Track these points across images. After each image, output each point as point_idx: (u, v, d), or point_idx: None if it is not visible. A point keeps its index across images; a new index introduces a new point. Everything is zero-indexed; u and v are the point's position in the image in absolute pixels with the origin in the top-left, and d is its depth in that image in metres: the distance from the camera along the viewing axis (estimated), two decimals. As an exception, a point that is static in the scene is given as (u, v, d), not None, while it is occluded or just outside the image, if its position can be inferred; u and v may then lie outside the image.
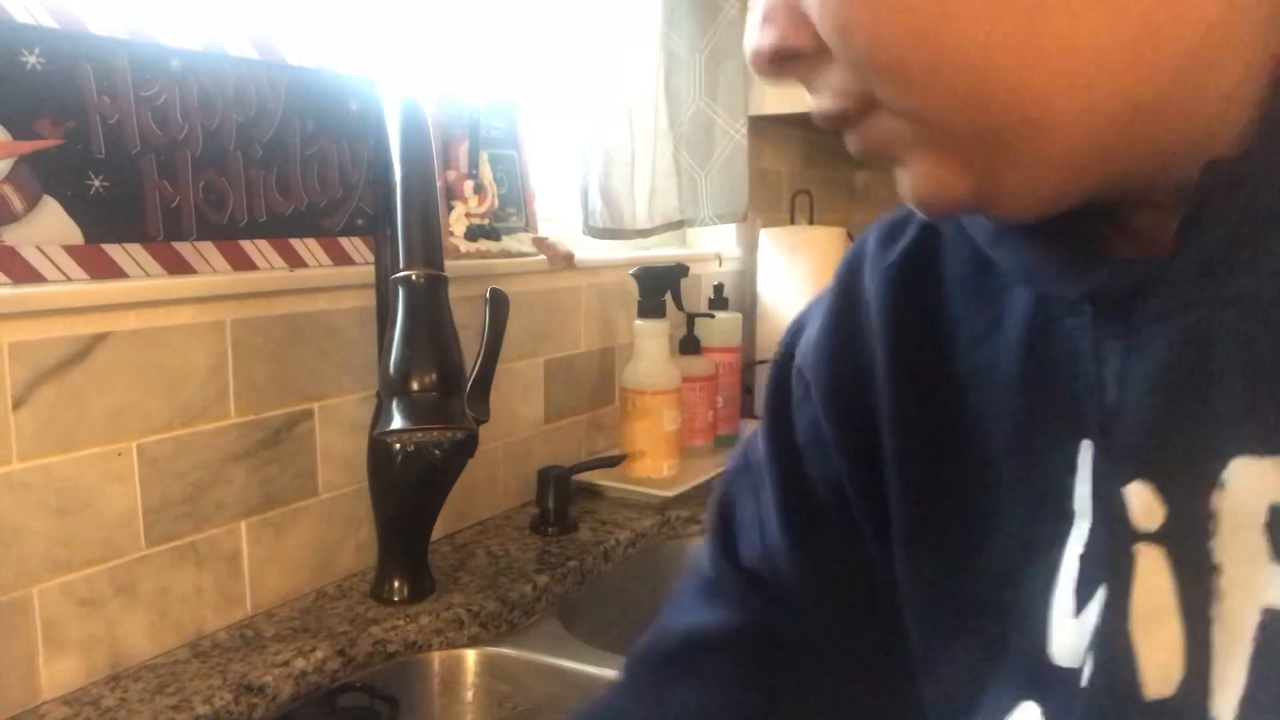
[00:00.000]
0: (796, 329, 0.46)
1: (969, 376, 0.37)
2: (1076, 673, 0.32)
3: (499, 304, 0.81)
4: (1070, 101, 0.26)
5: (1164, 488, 0.29)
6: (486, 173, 1.04)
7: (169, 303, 0.73)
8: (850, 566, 0.43)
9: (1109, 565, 0.30)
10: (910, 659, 0.40)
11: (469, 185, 1.01)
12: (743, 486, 0.48)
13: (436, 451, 0.64)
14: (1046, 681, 0.33)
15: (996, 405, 0.36)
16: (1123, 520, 0.30)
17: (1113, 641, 0.30)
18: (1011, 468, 0.35)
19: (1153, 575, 0.29)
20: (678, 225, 1.39)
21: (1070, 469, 0.33)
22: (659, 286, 1.17)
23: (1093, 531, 0.32)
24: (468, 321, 1.00)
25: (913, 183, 0.30)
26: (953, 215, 0.33)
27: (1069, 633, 0.32)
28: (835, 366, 0.42)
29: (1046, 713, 0.33)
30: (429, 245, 0.67)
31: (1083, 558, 0.32)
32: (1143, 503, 0.30)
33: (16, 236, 0.66)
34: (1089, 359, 0.32)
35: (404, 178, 0.68)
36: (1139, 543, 0.30)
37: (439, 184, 0.99)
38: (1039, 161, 0.28)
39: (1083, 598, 0.32)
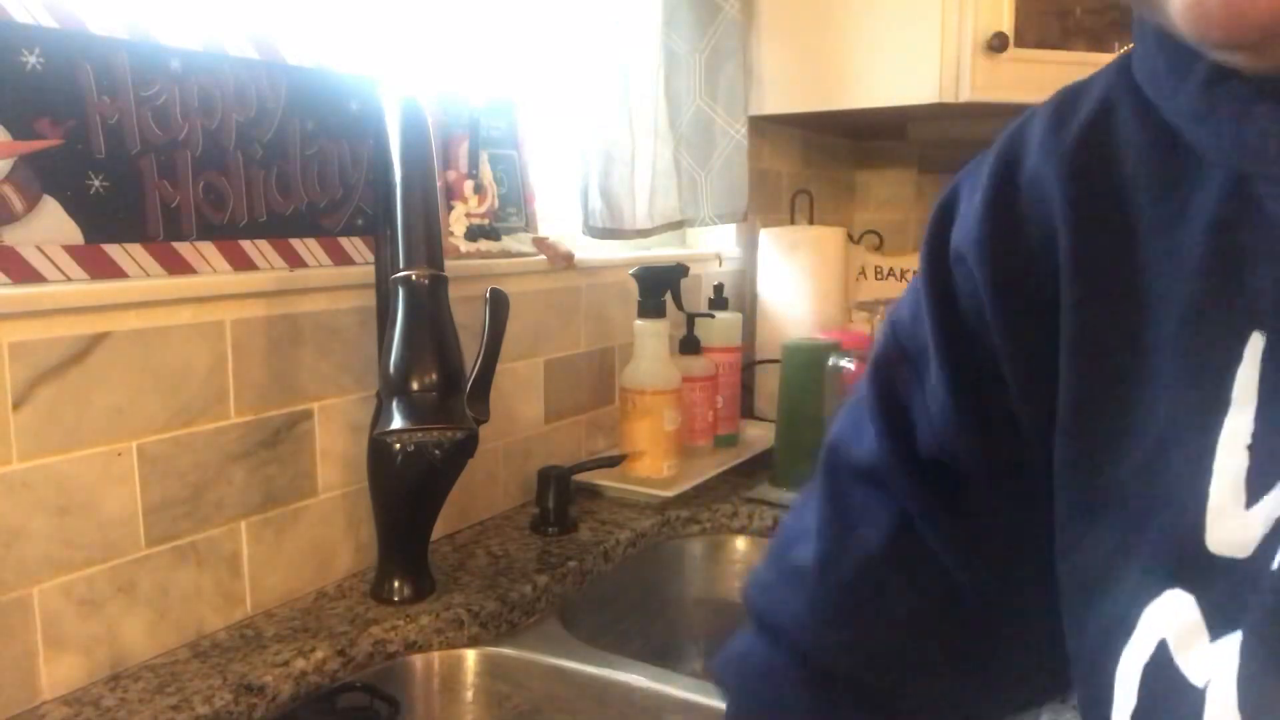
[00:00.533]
0: (946, 212, 0.46)
1: (1149, 262, 0.37)
2: (1246, 564, 0.31)
3: (499, 304, 0.82)
4: None
5: None
6: (486, 173, 1.04)
7: (169, 303, 0.73)
8: (1018, 448, 0.43)
9: None
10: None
11: (469, 185, 1.01)
12: (907, 376, 0.47)
13: (436, 451, 0.65)
14: (1202, 571, 0.32)
15: (1173, 292, 0.35)
16: None
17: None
18: (1175, 355, 0.35)
19: None
20: (678, 225, 1.39)
21: (1234, 359, 0.32)
22: (659, 286, 1.17)
23: (1264, 424, 0.31)
24: (468, 321, 1.00)
25: None
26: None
27: (1237, 524, 0.31)
28: (1000, 252, 0.42)
29: (1202, 602, 0.32)
30: (429, 245, 0.67)
31: (1253, 449, 0.31)
32: None
33: (16, 236, 0.66)
34: None
35: (404, 178, 0.68)
36: None
37: (439, 184, 0.99)
38: None
39: (1257, 489, 0.31)
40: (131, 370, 0.71)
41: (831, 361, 1.14)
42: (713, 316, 1.30)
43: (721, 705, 0.75)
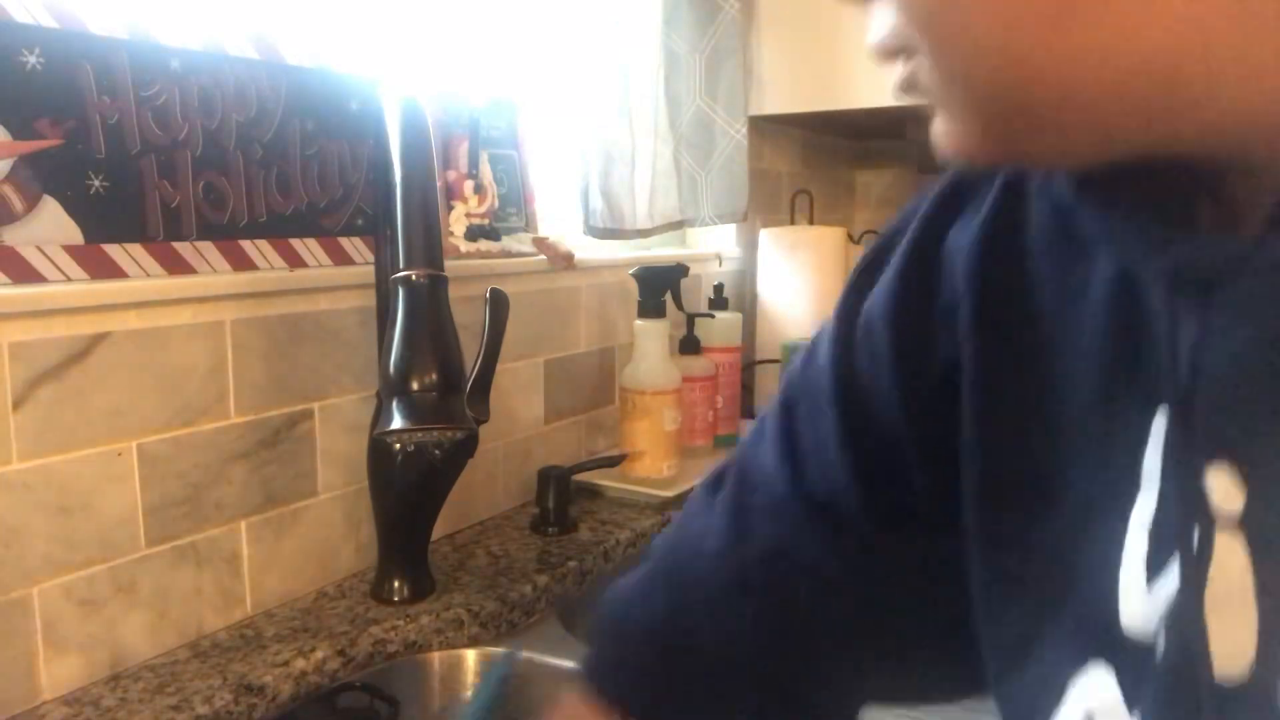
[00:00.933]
0: (865, 276, 0.46)
1: (1051, 340, 0.37)
2: (1147, 645, 0.32)
3: (499, 304, 0.81)
4: (1099, 78, 0.26)
5: (1244, 470, 0.29)
6: (486, 173, 1.04)
7: (169, 303, 0.73)
8: (911, 512, 0.44)
9: (1184, 544, 0.30)
10: (964, 610, 0.41)
11: (469, 185, 1.01)
12: (806, 413, 0.47)
13: (436, 451, 0.65)
14: (1117, 647, 0.33)
15: (1077, 370, 0.36)
16: (1201, 502, 0.29)
17: (1185, 622, 0.30)
18: (1085, 433, 0.36)
19: (1230, 557, 0.29)
20: (678, 225, 1.39)
21: (1142, 439, 0.33)
22: (659, 286, 1.17)
23: (1161, 505, 0.32)
24: (468, 321, 1.00)
25: (939, 135, 0.31)
26: (978, 168, 0.33)
27: (1140, 604, 0.32)
28: (906, 327, 0.42)
29: (1120, 676, 0.33)
30: (429, 245, 0.67)
31: (1152, 531, 0.32)
32: (1222, 485, 0.29)
33: (16, 236, 0.66)
34: (1166, 333, 0.31)
35: (404, 178, 0.68)
36: (1217, 525, 0.29)
37: (439, 184, 0.99)
38: (1063, 134, 0.28)
39: (1154, 570, 0.32)
40: (131, 370, 0.71)
41: (831, 361, 1.14)
42: (713, 316, 1.30)
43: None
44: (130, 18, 0.72)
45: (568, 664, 0.81)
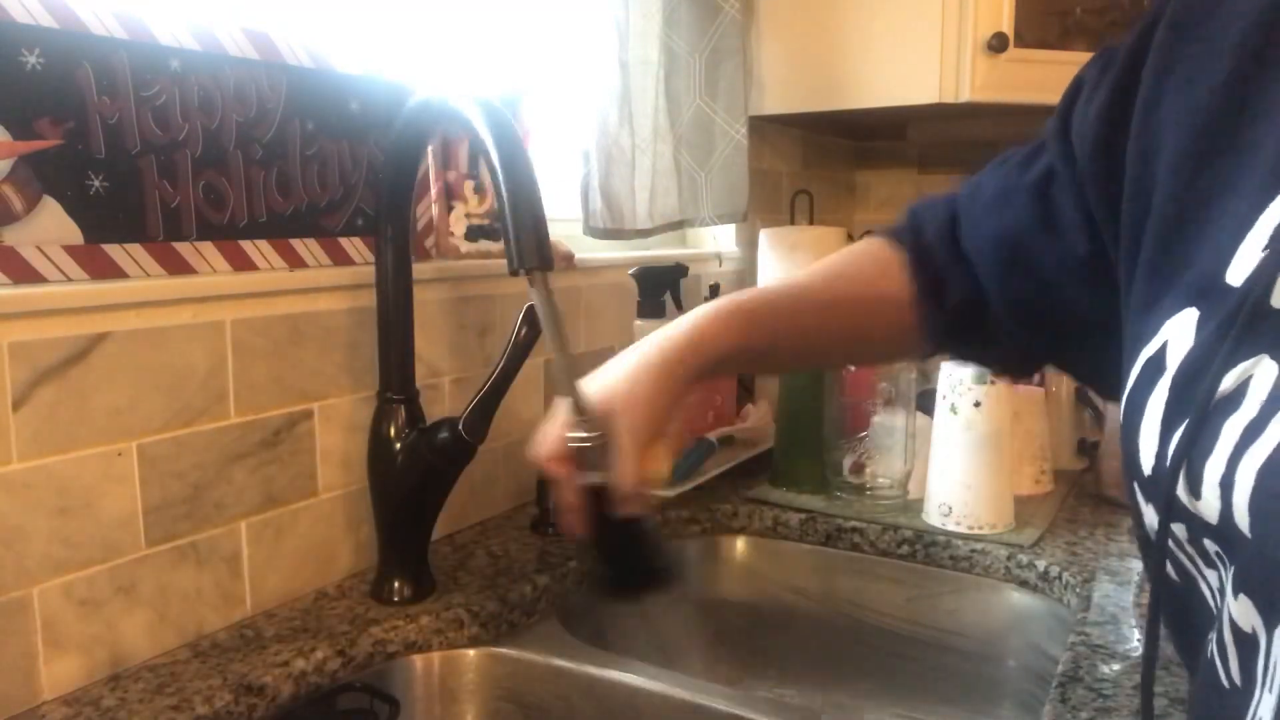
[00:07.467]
0: None
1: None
2: (1237, 288, 0.41)
3: (535, 324, 0.78)
4: None
5: None
6: (487, 173, 1.04)
7: (169, 303, 0.73)
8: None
9: None
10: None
11: (469, 185, 1.01)
12: (1086, 88, 0.56)
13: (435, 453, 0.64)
14: (1213, 295, 0.42)
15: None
16: None
17: (1267, 269, 0.40)
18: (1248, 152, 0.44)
19: None
20: (678, 225, 1.39)
21: None
22: (659, 286, 1.17)
23: None
24: (468, 322, 1.00)
25: None
26: None
27: (1249, 262, 0.41)
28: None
29: (1201, 313, 0.43)
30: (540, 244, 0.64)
31: None
32: None
33: (16, 236, 0.66)
34: None
35: (508, 179, 0.64)
36: None
37: (438, 185, 0.99)
38: None
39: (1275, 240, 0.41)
40: (131, 370, 0.71)
41: (831, 361, 1.14)
42: (713, 316, 1.30)
43: (720, 706, 0.75)
44: (130, 18, 0.72)
45: (568, 664, 0.81)
